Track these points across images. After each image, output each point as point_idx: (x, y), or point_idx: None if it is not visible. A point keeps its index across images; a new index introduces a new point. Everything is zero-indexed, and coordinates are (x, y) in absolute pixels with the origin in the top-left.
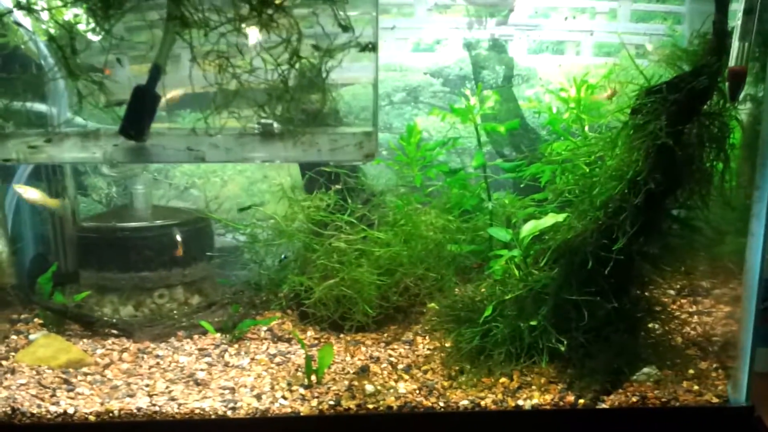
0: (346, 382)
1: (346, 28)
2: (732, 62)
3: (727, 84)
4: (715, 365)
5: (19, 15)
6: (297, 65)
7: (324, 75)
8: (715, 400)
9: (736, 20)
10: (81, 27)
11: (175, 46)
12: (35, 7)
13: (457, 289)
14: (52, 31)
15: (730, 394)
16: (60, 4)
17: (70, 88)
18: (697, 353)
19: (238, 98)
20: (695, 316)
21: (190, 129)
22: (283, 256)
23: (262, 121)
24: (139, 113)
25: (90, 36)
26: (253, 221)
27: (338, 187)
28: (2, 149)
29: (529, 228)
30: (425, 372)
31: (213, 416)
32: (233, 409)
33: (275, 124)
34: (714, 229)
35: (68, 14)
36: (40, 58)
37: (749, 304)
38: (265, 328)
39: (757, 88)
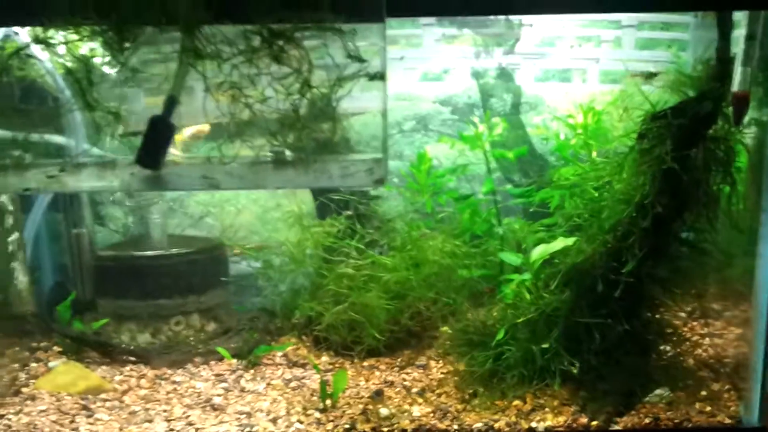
0: (361, 406)
1: (356, 58)
2: (735, 87)
3: (731, 108)
4: (727, 386)
5: (37, 49)
6: (308, 95)
7: (334, 104)
8: (727, 420)
9: (738, 46)
10: (97, 60)
11: (188, 78)
12: (52, 41)
13: (469, 314)
14: (68, 64)
15: (743, 415)
16: (76, 37)
17: (87, 119)
18: (709, 375)
19: (251, 127)
20: (707, 338)
21: (204, 158)
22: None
23: (275, 149)
24: (154, 143)
25: (105, 69)
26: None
27: (349, 212)
28: (21, 179)
29: (539, 252)
30: (439, 395)
31: None
32: None
33: (287, 152)
34: (723, 252)
35: (84, 48)
36: (57, 90)
37: (759, 325)
38: (280, 353)
39: (761, 112)
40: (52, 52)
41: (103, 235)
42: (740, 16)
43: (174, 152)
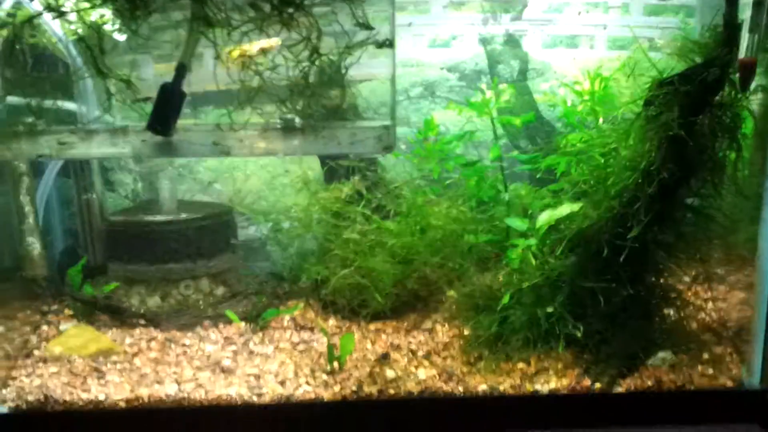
0: (368, 369)
1: (365, 26)
2: (742, 54)
3: (738, 75)
4: (729, 350)
5: (49, 17)
6: (317, 62)
7: (343, 71)
8: (729, 383)
9: (746, 12)
10: (108, 27)
11: (199, 45)
12: (64, 9)
13: (475, 278)
14: (80, 31)
15: (745, 378)
16: (87, 5)
17: (99, 86)
18: (711, 338)
19: (261, 94)
20: (710, 303)
21: (215, 125)
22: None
23: (284, 116)
24: (165, 110)
25: (117, 36)
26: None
27: (357, 178)
28: (35, 145)
29: (545, 217)
30: (445, 358)
31: (239, 402)
32: (259, 395)
33: (297, 119)
34: (727, 217)
35: (95, 15)
36: (69, 58)
37: (762, 289)
38: (288, 317)
39: None
40: (64, 19)
41: (113, 200)
42: None
43: None
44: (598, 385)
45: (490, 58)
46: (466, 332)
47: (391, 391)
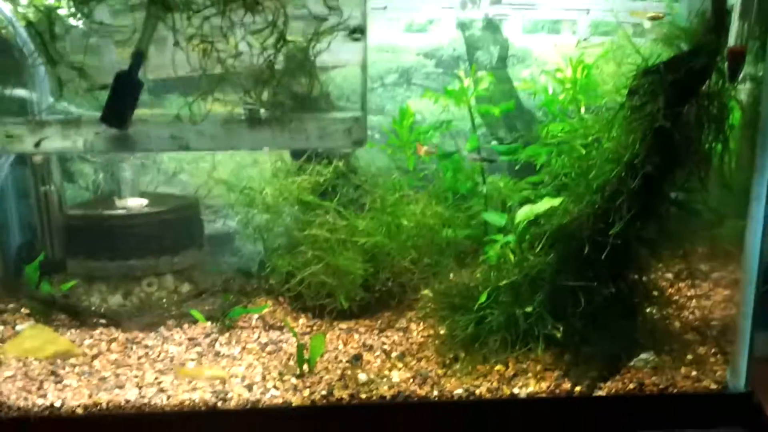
0: (339, 371)
1: (335, 9)
2: (731, 41)
3: (726, 64)
4: (714, 350)
5: None
6: (283, 48)
7: (312, 58)
8: (713, 386)
9: None
10: (62, 11)
11: (158, 30)
12: None
13: (451, 275)
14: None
15: (729, 380)
16: None
17: (51, 74)
18: (695, 338)
19: (224, 83)
20: (693, 301)
21: (174, 116)
22: None
23: (248, 106)
24: (121, 100)
25: (72, 21)
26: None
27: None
28: None
29: (524, 212)
30: (419, 360)
31: (203, 407)
32: (224, 400)
33: (262, 110)
34: (713, 212)
35: None
36: (20, 43)
37: (748, 287)
38: (256, 316)
39: (757, 68)
40: (13, 2)
41: (73, 192)
42: None
43: None
44: (578, 388)
45: (469, 44)
46: (441, 332)
47: (363, 396)
